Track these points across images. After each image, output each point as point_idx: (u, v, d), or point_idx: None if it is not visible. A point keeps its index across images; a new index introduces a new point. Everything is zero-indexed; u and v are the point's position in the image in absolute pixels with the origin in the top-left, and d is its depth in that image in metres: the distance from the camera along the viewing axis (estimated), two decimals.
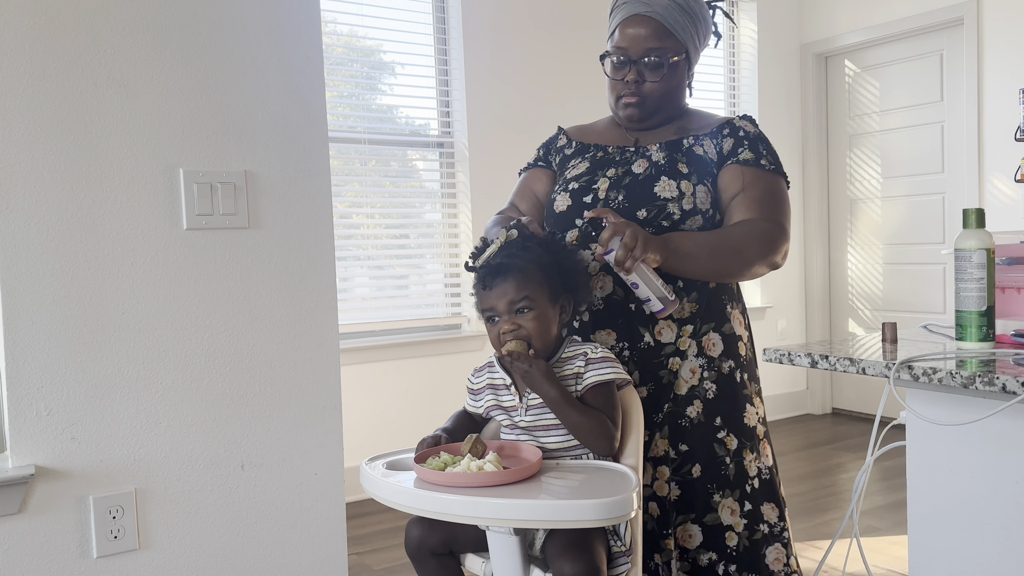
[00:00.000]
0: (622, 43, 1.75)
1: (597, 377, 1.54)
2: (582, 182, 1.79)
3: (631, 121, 1.81)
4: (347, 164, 4.02)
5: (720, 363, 1.76)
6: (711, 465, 1.72)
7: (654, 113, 1.80)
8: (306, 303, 1.92)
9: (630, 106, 1.78)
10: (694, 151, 1.78)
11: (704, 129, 1.82)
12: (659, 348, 1.72)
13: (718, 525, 1.71)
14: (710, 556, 1.71)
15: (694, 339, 1.74)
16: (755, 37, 5.24)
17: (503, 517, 1.34)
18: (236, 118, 1.83)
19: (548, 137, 1.99)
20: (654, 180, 1.74)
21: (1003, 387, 1.31)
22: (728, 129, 1.80)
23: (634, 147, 1.81)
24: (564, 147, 1.91)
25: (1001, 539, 1.50)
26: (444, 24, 4.17)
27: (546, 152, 1.95)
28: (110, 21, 1.71)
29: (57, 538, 1.70)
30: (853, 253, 5.35)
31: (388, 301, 4.12)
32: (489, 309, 1.57)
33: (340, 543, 1.98)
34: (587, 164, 1.82)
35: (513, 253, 1.56)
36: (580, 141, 1.90)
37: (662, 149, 1.78)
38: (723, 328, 1.77)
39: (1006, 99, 4.42)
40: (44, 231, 1.67)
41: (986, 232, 1.54)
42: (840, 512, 3.51)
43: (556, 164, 1.92)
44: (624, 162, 1.79)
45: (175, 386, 1.79)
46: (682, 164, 1.75)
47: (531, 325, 1.53)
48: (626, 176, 1.76)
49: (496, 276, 1.55)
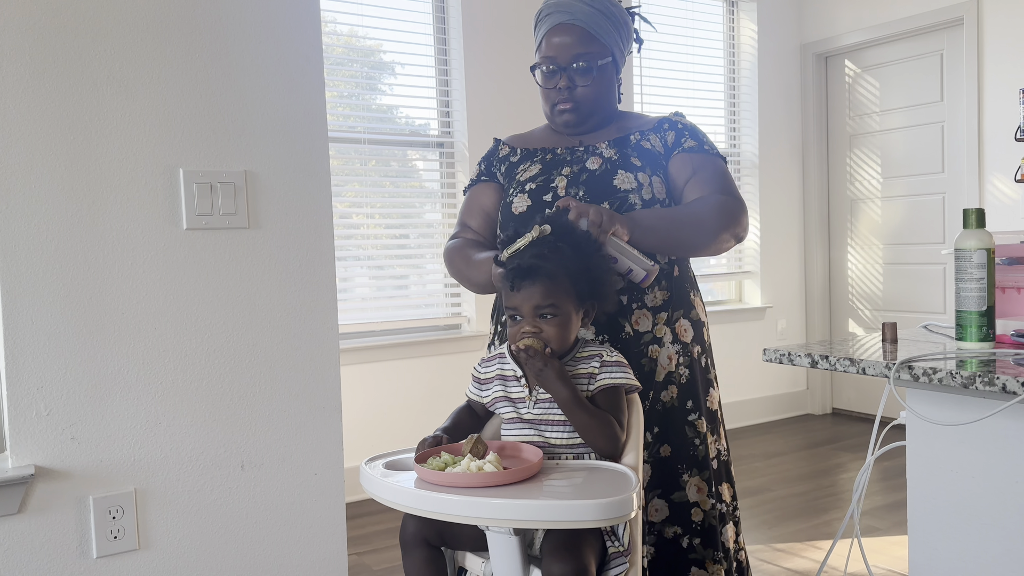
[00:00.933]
0: (550, 52, 1.82)
1: (610, 380, 1.55)
2: (538, 182, 1.83)
3: (568, 127, 1.86)
4: (347, 164, 4.02)
5: (691, 348, 1.83)
6: (681, 445, 1.80)
7: (589, 116, 1.85)
8: (306, 303, 1.92)
9: (565, 112, 1.84)
10: (642, 145, 1.84)
11: (645, 126, 1.89)
12: (638, 337, 1.76)
13: (685, 502, 1.80)
14: (675, 530, 1.79)
15: (668, 326, 1.80)
16: (755, 37, 5.24)
17: (503, 517, 1.34)
18: (236, 118, 1.83)
19: (487, 151, 2.02)
20: (611, 174, 1.79)
21: (1003, 387, 1.31)
22: (667, 124, 1.88)
23: (582, 147, 1.86)
24: (508, 156, 1.95)
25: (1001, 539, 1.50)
26: (444, 24, 4.17)
27: (488, 165, 1.98)
28: (110, 21, 1.71)
29: (57, 538, 1.70)
30: (853, 253, 5.35)
31: (388, 301, 4.12)
32: (513, 308, 1.57)
33: (340, 543, 1.98)
34: (539, 166, 1.86)
35: (544, 255, 1.55)
36: (524, 147, 1.94)
37: (612, 146, 1.84)
38: (690, 315, 1.85)
39: (1006, 99, 4.42)
40: (44, 231, 1.67)
41: (986, 232, 1.54)
42: (840, 512, 3.51)
43: (502, 174, 1.94)
44: (576, 160, 1.84)
45: (175, 386, 1.79)
46: (634, 158, 1.82)
47: (552, 331, 1.54)
48: (582, 172, 1.81)
49: (525, 278, 1.54)
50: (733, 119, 5.31)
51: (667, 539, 1.79)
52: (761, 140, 5.28)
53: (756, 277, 5.34)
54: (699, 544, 1.80)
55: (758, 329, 5.30)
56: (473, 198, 1.97)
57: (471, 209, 1.96)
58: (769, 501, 3.69)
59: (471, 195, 1.98)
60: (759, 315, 5.31)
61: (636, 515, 1.51)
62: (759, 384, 5.31)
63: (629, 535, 1.52)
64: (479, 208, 1.94)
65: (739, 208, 1.80)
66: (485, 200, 1.94)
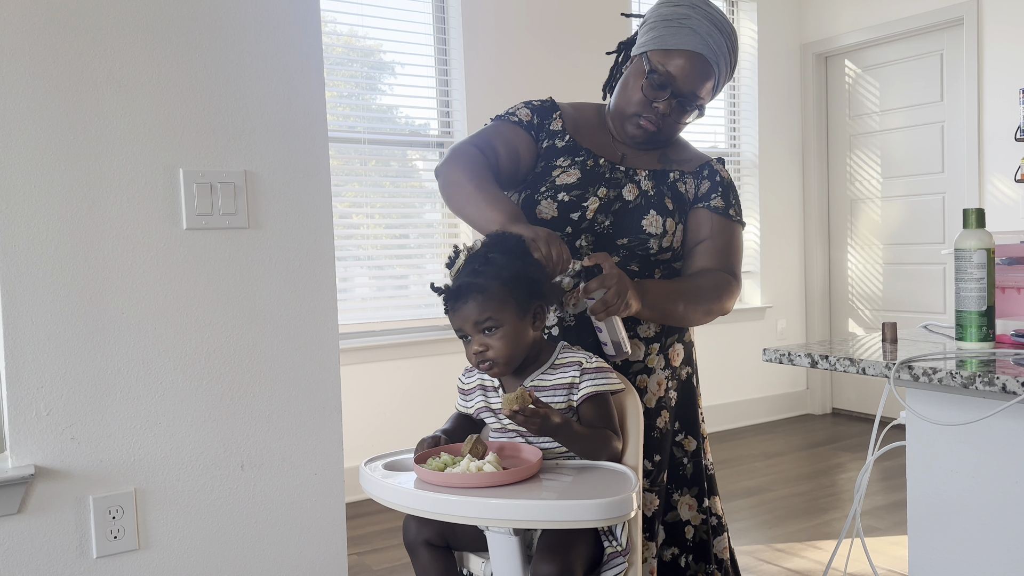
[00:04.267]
0: (673, 71, 1.68)
1: (592, 388, 1.53)
2: (572, 195, 1.71)
3: (636, 144, 1.77)
4: (347, 164, 4.02)
5: (680, 371, 1.81)
6: (672, 467, 1.79)
7: (662, 143, 1.79)
8: (306, 303, 1.92)
9: (645, 131, 1.73)
10: (678, 188, 1.77)
11: (686, 164, 1.81)
12: (627, 365, 1.73)
13: (678, 521, 1.79)
14: (672, 551, 1.78)
15: (661, 354, 1.77)
16: (755, 37, 5.24)
17: (503, 518, 1.34)
18: (236, 118, 1.83)
19: (541, 105, 1.82)
20: (643, 212, 1.72)
21: (1003, 387, 1.31)
22: (707, 171, 1.81)
23: (623, 167, 1.76)
24: (557, 134, 1.78)
25: (1001, 539, 1.50)
26: (444, 24, 4.17)
27: (539, 123, 1.79)
28: (110, 21, 1.71)
29: (57, 538, 1.70)
30: (853, 253, 5.35)
31: (388, 301, 4.12)
32: (458, 329, 1.56)
33: (340, 543, 1.98)
34: (578, 173, 1.73)
35: (476, 270, 1.52)
36: (573, 137, 1.78)
37: (650, 178, 1.75)
38: (683, 338, 1.82)
39: (1006, 99, 4.42)
40: (44, 231, 1.67)
41: (986, 232, 1.54)
42: (840, 512, 3.51)
43: (543, 147, 1.78)
44: (614, 183, 1.73)
45: (175, 386, 1.79)
46: (668, 199, 1.75)
47: (499, 344, 1.52)
48: (616, 201, 1.72)
49: (458, 299, 1.53)
50: (733, 119, 5.31)
51: (665, 562, 1.77)
52: (761, 140, 5.28)
53: (756, 277, 5.34)
54: (691, 560, 1.80)
55: (758, 329, 5.30)
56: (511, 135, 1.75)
57: (505, 141, 1.73)
58: (769, 501, 3.69)
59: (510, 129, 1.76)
60: (759, 315, 5.31)
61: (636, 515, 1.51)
62: (759, 384, 5.31)
63: (628, 535, 1.51)
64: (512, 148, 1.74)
65: (736, 289, 1.76)
66: (521, 146, 1.75)
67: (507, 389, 1.59)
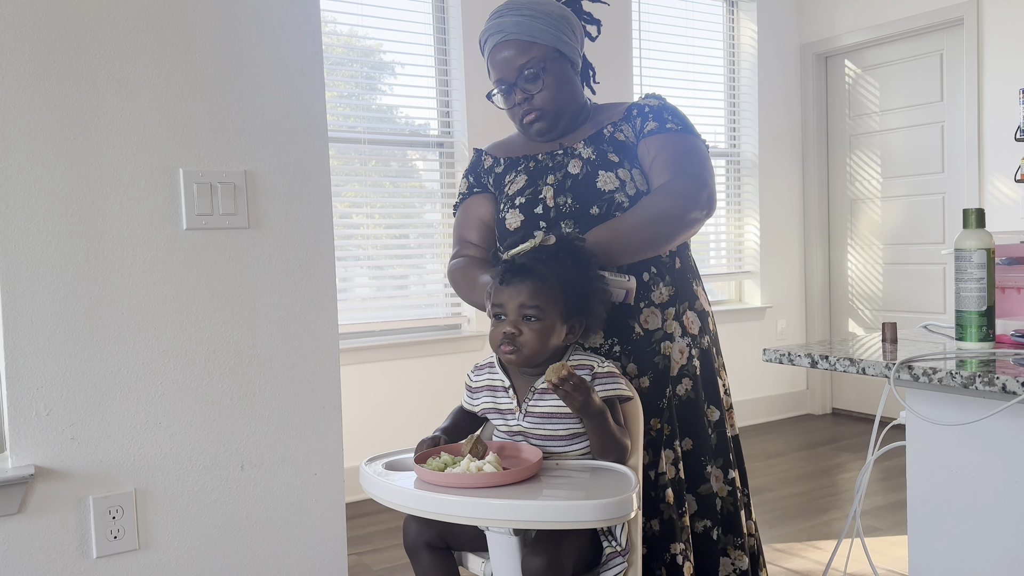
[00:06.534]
0: (497, 74, 1.82)
1: (603, 393, 1.53)
2: (527, 195, 1.81)
3: (542, 135, 1.85)
4: (347, 164, 4.02)
5: (700, 339, 1.83)
6: (701, 437, 1.79)
7: (558, 118, 1.83)
8: (306, 303, 1.92)
9: (534, 121, 1.83)
10: (616, 138, 1.82)
11: (615, 115, 1.86)
12: (649, 336, 1.75)
13: (711, 494, 1.80)
14: (705, 523, 1.79)
15: (676, 320, 1.79)
16: (755, 37, 5.24)
17: (503, 518, 1.34)
18: (236, 118, 1.83)
19: (469, 163, 1.99)
20: (593, 176, 1.77)
21: (1003, 387, 1.31)
22: (636, 110, 1.85)
23: (561, 150, 1.83)
24: (493, 166, 1.93)
25: (1001, 539, 1.50)
26: (444, 24, 4.17)
27: (476, 177, 1.95)
28: (110, 21, 1.71)
29: (57, 538, 1.70)
30: (853, 253, 5.34)
31: (388, 301, 4.12)
32: (499, 306, 1.55)
33: (340, 543, 1.98)
34: (525, 176, 1.84)
35: (541, 259, 1.54)
36: (507, 156, 1.92)
37: (588, 144, 1.81)
38: (695, 306, 1.84)
39: (1006, 99, 4.42)
40: (44, 231, 1.67)
41: (986, 232, 1.54)
42: (840, 512, 3.51)
43: (491, 185, 1.92)
44: (558, 166, 1.81)
45: (175, 386, 1.79)
46: (611, 154, 1.79)
47: (532, 336, 1.52)
48: (566, 179, 1.78)
49: (515, 275, 1.53)
50: (733, 119, 5.31)
51: (698, 534, 1.78)
52: (761, 140, 5.27)
53: (756, 277, 5.34)
54: (721, 532, 1.81)
55: (758, 329, 5.29)
56: (468, 211, 1.93)
57: (468, 222, 1.92)
58: (769, 501, 3.69)
59: (465, 209, 1.94)
60: (759, 315, 5.31)
61: (636, 515, 1.51)
62: (759, 384, 5.31)
63: (628, 535, 1.51)
64: (477, 220, 1.91)
65: (695, 186, 1.74)
66: (482, 211, 1.91)
67: (517, 388, 1.59)
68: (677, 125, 1.81)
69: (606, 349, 1.73)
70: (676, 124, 1.81)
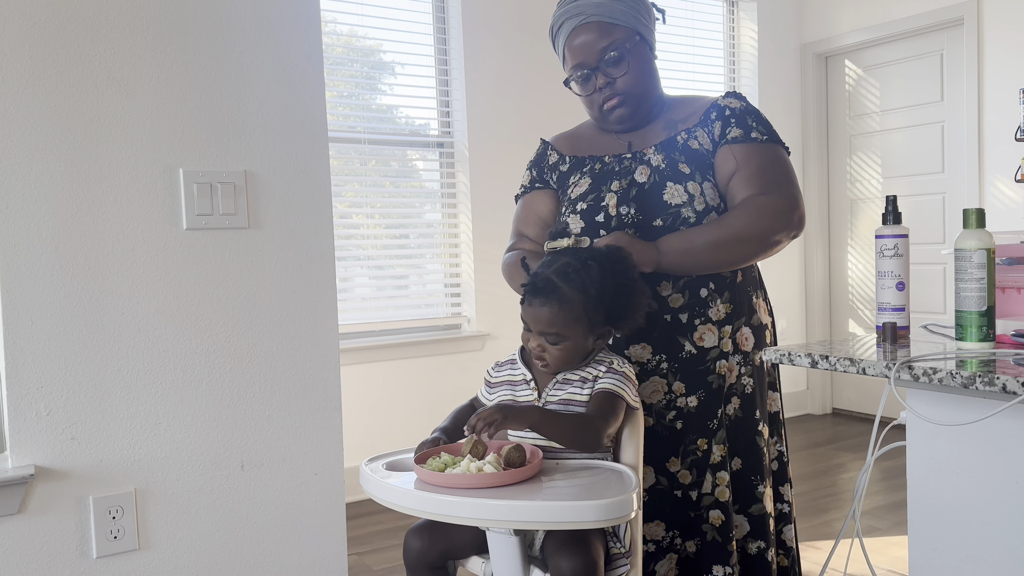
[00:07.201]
0: (576, 58, 1.74)
1: (609, 385, 1.55)
2: (589, 201, 1.74)
3: (623, 122, 1.77)
4: (347, 164, 4.02)
5: (753, 356, 1.77)
6: (752, 456, 1.74)
7: (640, 104, 1.76)
8: (306, 303, 1.92)
9: (615, 107, 1.75)
10: (690, 146, 1.74)
11: (692, 119, 1.77)
12: (703, 354, 1.70)
13: (764, 515, 1.74)
14: (759, 544, 1.74)
15: (731, 338, 1.74)
16: (755, 37, 5.24)
17: (503, 518, 1.34)
18: (236, 118, 1.83)
19: (535, 154, 1.93)
20: (660, 188, 1.70)
21: (1003, 387, 1.31)
22: (715, 112, 1.76)
23: (630, 153, 1.76)
24: (558, 163, 1.86)
25: (1001, 539, 1.50)
26: (444, 24, 4.17)
27: (539, 172, 1.90)
28: (110, 21, 1.71)
29: (57, 538, 1.70)
30: (853, 253, 5.34)
31: (388, 301, 4.12)
32: (525, 321, 1.57)
33: (340, 543, 1.98)
34: (589, 180, 1.77)
35: (567, 274, 1.52)
36: (573, 155, 1.85)
37: (659, 151, 1.74)
38: (752, 320, 1.77)
39: (1006, 99, 4.42)
40: (44, 231, 1.67)
41: (986, 232, 1.54)
42: (840, 512, 3.51)
43: (554, 182, 1.86)
44: (625, 171, 1.74)
45: (175, 386, 1.79)
46: (683, 164, 1.72)
47: (557, 354, 1.54)
48: (632, 187, 1.71)
49: (536, 295, 1.53)
50: None
51: (752, 555, 1.74)
52: None
53: None
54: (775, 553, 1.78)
55: None
56: (528, 206, 1.88)
57: (527, 217, 1.87)
58: None
59: (525, 203, 1.89)
60: None
61: (636, 516, 1.51)
62: None
63: (630, 536, 1.52)
64: (535, 216, 1.86)
65: (786, 204, 1.68)
66: (541, 207, 1.86)
67: (538, 381, 1.60)
68: (763, 134, 1.73)
69: (653, 365, 1.70)
70: (762, 133, 1.73)
